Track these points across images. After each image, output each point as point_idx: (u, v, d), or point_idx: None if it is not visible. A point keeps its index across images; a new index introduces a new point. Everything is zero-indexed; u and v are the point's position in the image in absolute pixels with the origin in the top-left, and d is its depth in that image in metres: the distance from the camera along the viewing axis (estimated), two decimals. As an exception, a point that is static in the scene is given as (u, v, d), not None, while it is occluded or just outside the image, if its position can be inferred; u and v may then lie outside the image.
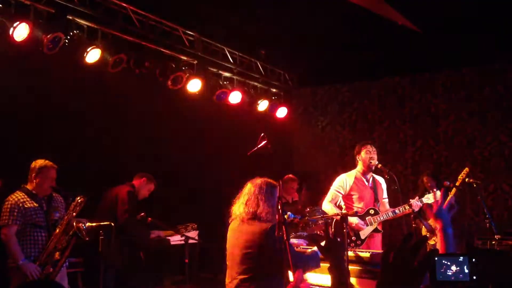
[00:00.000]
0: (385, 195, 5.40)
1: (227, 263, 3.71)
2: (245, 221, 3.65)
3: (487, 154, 7.69)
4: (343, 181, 5.24)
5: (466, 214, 7.36)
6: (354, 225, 5.09)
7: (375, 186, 5.35)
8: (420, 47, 7.11)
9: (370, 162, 5.25)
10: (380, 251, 4.42)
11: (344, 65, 7.86)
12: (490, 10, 6.22)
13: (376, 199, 5.27)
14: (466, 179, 6.06)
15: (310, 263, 3.69)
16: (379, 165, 5.26)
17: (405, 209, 5.11)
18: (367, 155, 5.30)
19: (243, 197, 3.74)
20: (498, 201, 7.53)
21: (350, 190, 5.20)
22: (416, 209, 5.11)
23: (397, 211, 5.14)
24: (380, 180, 5.42)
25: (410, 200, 5.17)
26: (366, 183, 5.28)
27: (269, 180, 3.79)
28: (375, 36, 7.06)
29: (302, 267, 3.62)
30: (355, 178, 5.26)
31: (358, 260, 4.04)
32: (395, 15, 5.76)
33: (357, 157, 5.35)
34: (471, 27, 6.54)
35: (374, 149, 5.37)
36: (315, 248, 3.86)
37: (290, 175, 7.81)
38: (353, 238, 5.12)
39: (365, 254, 4.08)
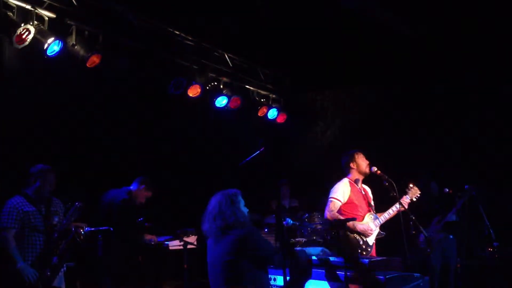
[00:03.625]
0: (372, 201, 5.43)
1: (210, 277, 3.76)
2: (220, 235, 3.72)
3: (487, 160, 7.70)
4: (342, 189, 5.22)
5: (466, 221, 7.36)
6: (362, 231, 5.08)
7: (365, 193, 5.38)
8: (419, 52, 7.13)
9: (368, 167, 5.29)
10: (379, 257, 4.41)
11: (343, 70, 7.88)
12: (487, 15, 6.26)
13: (369, 205, 5.30)
14: (466, 186, 6.07)
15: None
16: (378, 172, 5.26)
17: (396, 207, 5.15)
18: (363, 161, 5.33)
19: (210, 214, 3.81)
20: (497, 208, 7.54)
21: (349, 197, 5.20)
22: (406, 206, 5.14)
23: (390, 211, 5.18)
24: (366, 187, 5.46)
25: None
26: (359, 190, 5.30)
27: (228, 190, 3.88)
28: (375, 41, 7.08)
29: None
30: (350, 185, 5.26)
31: (357, 266, 4.04)
32: (394, 22, 5.79)
33: (351, 164, 5.34)
34: (470, 32, 6.57)
35: None
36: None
37: (282, 180, 7.85)
38: (363, 246, 5.11)
39: (364, 261, 4.07)
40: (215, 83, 7.38)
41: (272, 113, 8.26)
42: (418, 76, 8.14)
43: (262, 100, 8.21)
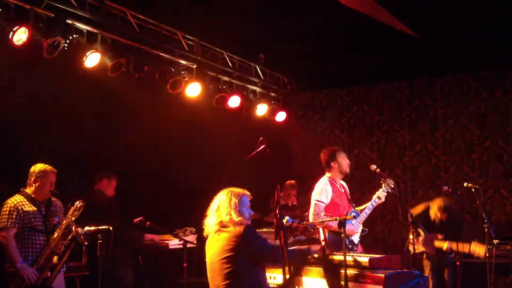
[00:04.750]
0: (349, 196, 5.41)
1: (208, 275, 3.79)
2: (217, 232, 3.79)
3: (486, 159, 7.70)
4: (324, 190, 5.10)
5: (464, 219, 7.36)
6: (349, 231, 5.05)
7: (344, 190, 5.32)
8: (418, 52, 7.13)
9: (348, 166, 5.25)
10: (378, 255, 4.41)
11: (343, 69, 7.88)
12: (487, 13, 6.25)
13: (350, 202, 5.24)
14: (465, 184, 6.06)
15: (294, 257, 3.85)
16: (377, 170, 5.23)
17: (376, 202, 5.13)
18: (345, 160, 5.25)
19: (212, 210, 3.87)
20: (497, 206, 7.54)
21: (331, 198, 5.10)
22: (383, 199, 5.11)
23: (370, 206, 5.13)
24: (343, 183, 5.40)
25: (376, 192, 5.17)
26: (339, 188, 5.23)
27: (233, 188, 3.92)
28: (374, 41, 7.08)
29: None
30: (331, 184, 5.17)
31: (356, 265, 4.04)
32: (393, 21, 5.78)
33: (332, 163, 5.25)
34: (469, 31, 6.57)
35: None
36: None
37: (290, 181, 7.83)
38: (349, 245, 5.09)
39: (364, 259, 4.07)
40: (215, 82, 7.38)
41: (272, 112, 8.26)
42: (417, 76, 8.15)
43: (261, 99, 8.21)
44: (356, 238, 5.09)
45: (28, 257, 4.55)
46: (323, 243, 5.02)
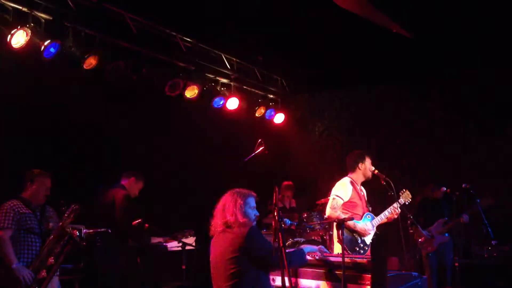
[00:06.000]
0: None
1: (212, 275, 3.79)
2: (221, 232, 3.79)
3: (484, 160, 7.70)
4: (345, 188, 5.23)
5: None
6: (362, 230, 5.12)
7: (363, 193, 5.41)
8: (417, 53, 7.14)
9: (371, 173, 5.33)
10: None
11: (341, 70, 7.89)
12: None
13: (367, 205, 5.33)
14: (463, 185, 6.07)
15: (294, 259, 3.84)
16: (376, 171, 5.28)
17: (388, 212, 5.23)
18: (370, 166, 5.34)
19: (217, 210, 3.87)
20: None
21: (350, 197, 5.21)
22: (398, 210, 5.19)
23: (386, 212, 5.23)
24: (363, 188, 5.48)
25: (393, 204, 5.26)
26: (359, 191, 5.32)
27: (239, 189, 3.92)
28: (373, 42, 7.09)
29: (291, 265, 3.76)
30: (352, 185, 5.27)
31: (355, 266, 4.04)
32: (389, 23, 5.79)
33: (359, 164, 5.33)
34: (469, 30, 6.58)
35: None
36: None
37: (287, 182, 7.83)
38: (360, 244, 5.14)
39: (362, 261, 4.07)
40: (213, 84, 7.39)
41: (270, 114, 8.27)
42: (416, 76, 8.14)
43: (260, 100, 8.21)
44: (368, 239, 5.18)
45: (23, 258, 4.55)
46: (336, 240, 5.07)
